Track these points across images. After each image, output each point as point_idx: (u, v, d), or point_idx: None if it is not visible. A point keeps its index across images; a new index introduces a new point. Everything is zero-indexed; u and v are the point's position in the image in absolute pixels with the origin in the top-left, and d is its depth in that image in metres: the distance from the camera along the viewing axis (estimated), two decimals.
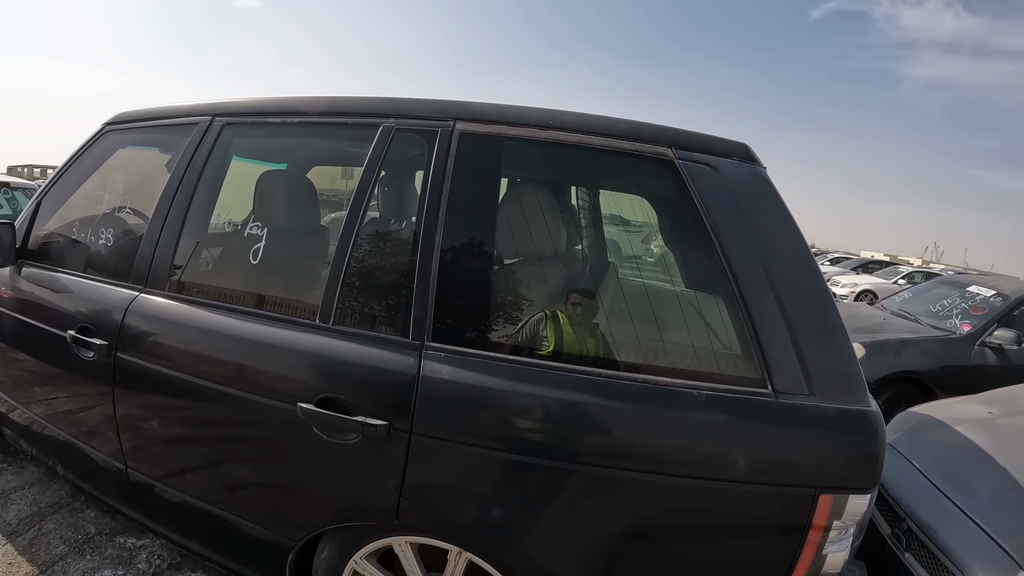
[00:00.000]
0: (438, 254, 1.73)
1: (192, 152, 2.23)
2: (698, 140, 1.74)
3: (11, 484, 3.23)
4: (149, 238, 2.22)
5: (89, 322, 2.26)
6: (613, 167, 1.98)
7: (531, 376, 1.62)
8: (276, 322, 1.90)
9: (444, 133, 1.82)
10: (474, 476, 1.66)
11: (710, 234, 1.63)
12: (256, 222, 2.08)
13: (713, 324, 1.71)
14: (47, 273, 2.59)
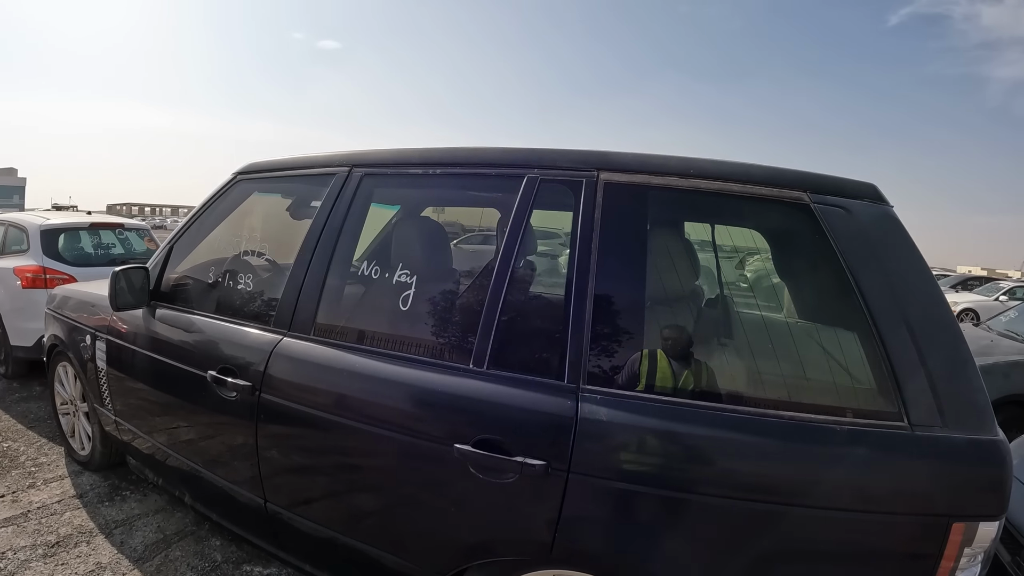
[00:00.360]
0: (591, 300, 1.83)
1: (333, 201, 2.37)
2: (831, 183, 1.81)
3: (135, 511, 3.42)
4: (292, 284, 2.36)
5: (230, 363, 2.41)
6: (751, 212, 2.05)
7: (683, 415, 1.70)
8: (429, 366, 2.01)
9: (589, 183, 1.93)
10: (627, 511, 1.73)
11: (846, 273, 1.70)
12: (404, 269, 2.21)
13: (849, 361, 1.77)
14: (182, 315, 2.77)
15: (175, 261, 2.97)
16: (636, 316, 1.89)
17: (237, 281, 2.71)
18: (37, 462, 4.04)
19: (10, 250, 6.01)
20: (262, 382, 2.29)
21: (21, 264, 5.55)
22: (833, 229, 1.74)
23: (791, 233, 2.00)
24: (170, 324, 2.79)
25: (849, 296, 1.70)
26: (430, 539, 2.04)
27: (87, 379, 3.45)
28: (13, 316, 5.51)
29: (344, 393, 2.13)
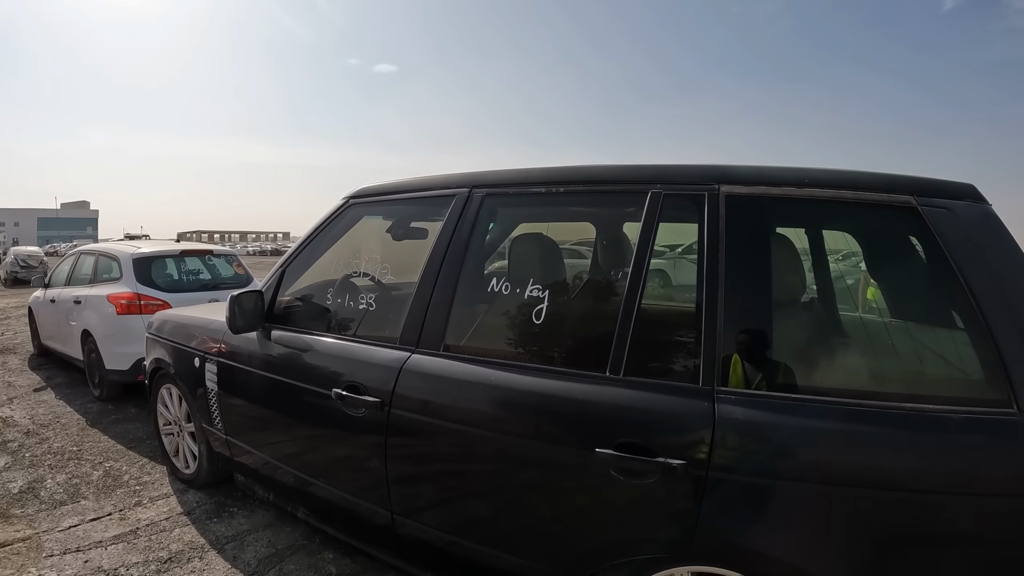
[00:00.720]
0: (723, 307, 1.93)
1: (456, 221, 2.51)
2: (934, 185, 1.90)
3: (244, 527, 3.57)
4: (418, 302, 2.50)
5: (357, 380, 2.55)
6: (861, 215, 2.15)
7: (814, 411, 1.79)
8: (566, 376, 2.12)
9: (712, 196, 2.04)
10: (764, 507, 1.81)
11: (954, 271, 1.78)
12: (536, 284, 2.32)
13: (961, 354, 1.84)
14: (299, 336, 2.93)
15: (287, 284, 3.14)
16: (764, 320, 1.99)
17: (357, 302, 2.86)
18: (141, 481, 4.24)
19: (101, 278, 6.34)
20: (392, 398, 2.42)
21: (115, 291, 5.85)
22: (939, 229, 1.83)
23: (900, 235, 2.10)
24: (287, 345, 2.95)
25: (957, 292, 1.78)
26: (567, 542, 2.13)
27: (195, 400, 3.64)
28: (108, 341, 5.80)
29: (480, 406, 2.25)
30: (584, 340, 2.25)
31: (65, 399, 6.26)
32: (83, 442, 5.01)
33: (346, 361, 2.65)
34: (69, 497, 3.98)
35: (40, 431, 5.28)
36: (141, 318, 5.62)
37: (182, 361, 3.72)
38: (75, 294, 6.50)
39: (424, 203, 2.86)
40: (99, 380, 6.13)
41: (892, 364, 2.03)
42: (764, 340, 1.96)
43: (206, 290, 6.35)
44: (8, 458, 4.65)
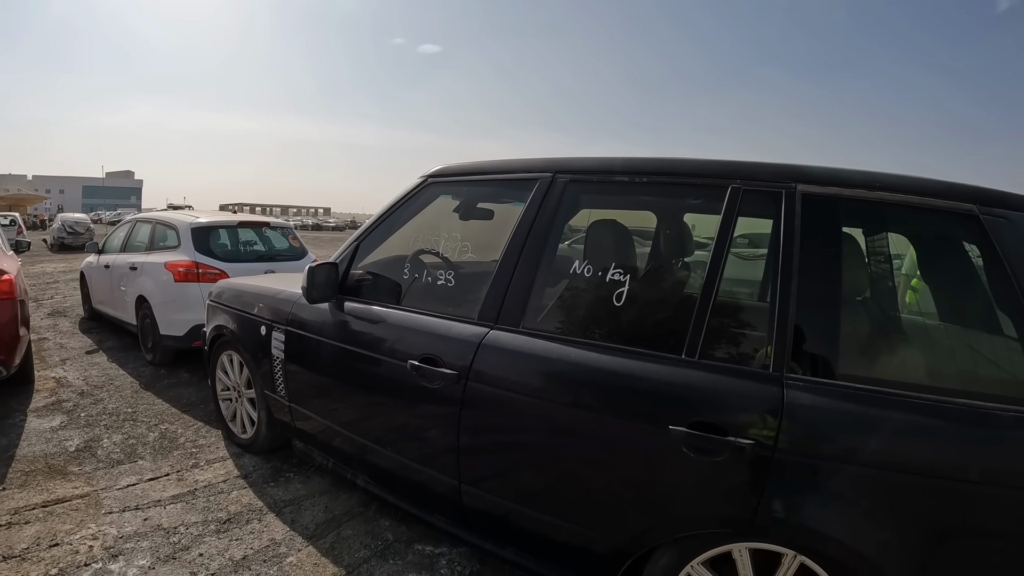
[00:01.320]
0: (795, 297, 2.08)
1: (539, 205, 2.67)
2: (996, 196, 2.04)
3: (301, 492, 3.78)
4: (499, 280, 2.67)
5: (434, 353, 2.72)
6: (926, 221, 2.31)
7: (876, 401, 1.94)
8: (644, 357, 2.28)
9: (789, 194, 2.19)
10: (825, 489, 1.95)
11: (1010, 277, 1.93)
12: (617, 268, 2.48)
13: (1014, 355, 1.97)
14: (373, 308, 3.11)
15: (361, 257, 3.31)
16: (833, 313, 2.13)
17: (434, 278, 3.04)
18: (197, 444, 4.47)
19: (158, 246, 6.62)
20: (469, 371, 2.59)
21: (173, 259, 6.12)
22: (998, 237, 1.97)
23: (961, 241, 2.26)
24: (361, 316, 3.13)
25: (1012, 297, 1.93)
26: (632, 513, 2.29)
27: (258, 367, 3.84)
28: (164, 307, 6.07)
29: (558, 382, 2.43)
30: (662, 324, 2.41)
31: (117, 362, 6.55)
32: (137, 404, 5.26)
33: (422, 334, 2.83)
34: (126, 457, 4.21)
35: (94, 392, 5.54)
36: (198, 286, 5.88)
37: (247, 328, 3.92)
38: (131, 260, 6.77)
39: (504, 185, 3.03)
40: (152, 345, 6.40)
41: (948, 362, 2.19)
42: (832, 332, 2.10)
43: (262, 261, 6.62)
44: (64, 417, 4.90)
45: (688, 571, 2.23)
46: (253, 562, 3.03)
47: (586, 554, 2.45)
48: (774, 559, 2.10)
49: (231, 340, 4.14)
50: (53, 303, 10.04)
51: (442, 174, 3.19)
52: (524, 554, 2.68)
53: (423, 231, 3.28)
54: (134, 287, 6.57)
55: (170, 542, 3.16)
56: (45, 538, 3.13)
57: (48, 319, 8.60)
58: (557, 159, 2.76)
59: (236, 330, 4.03)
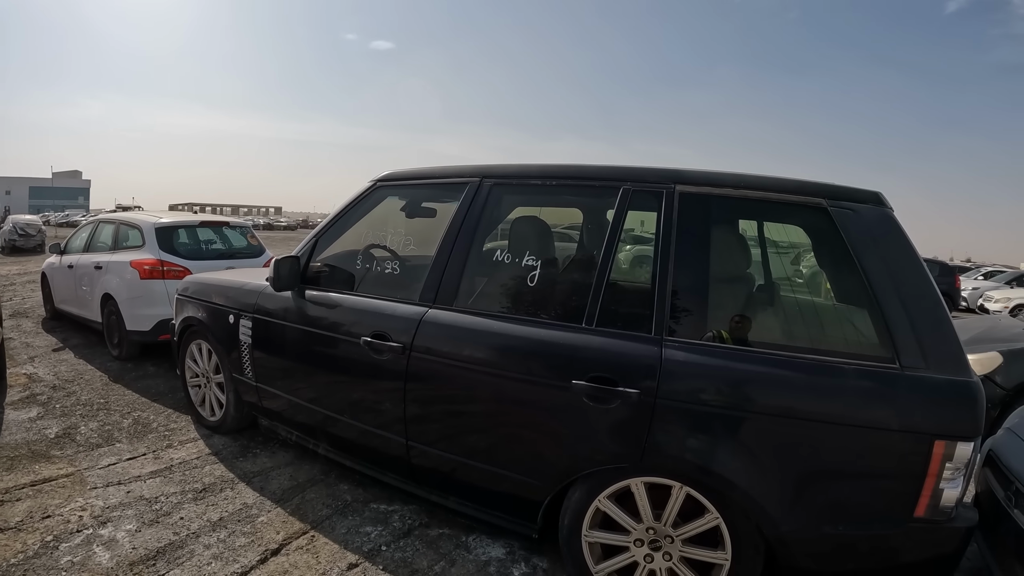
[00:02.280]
0: (672, 275, 2.64)
1: (468, 204, 3.21)
2: (843, 192, 2.59)
3: (267, 465, 4.24)
4: (436, 267, 3.19)
5: (383, 329, 3.23)
6: (785, 213, 2.88)
7: (738, 356, 2.50)
8: (553, 326, 2.83)
9: (669, 193, 2.75)
10: (698, 427, 2.50)
11: (853, 259, 2.48)
12: (531, 255, 3.03)
13: (857, 321, 2.54)
14: (331, 295, 3.61)
15: (319, 251, 3.82)
16: (704, 285, 2.69)
17: (382, 267, 3.56)
18: (169, 427, 4.88)
19: (122, 246, 6.98)
20: (412, 344, 3.11)
21: (138, 258, 6.51)
22: (844, 226, 2.52)
23: (815, 229, 2.84)
24: (320, 303, 3.63)
25: (856, 275, 2.47)
26: (548, 456, 2.83)
27: (227, 353, 4.30)
28: (130, 304, 6.45)
29: (484, 350, 2.96)
30: (567, 299, 2.95)
31: (84, 358, 6.88)
32: (109, 395, 5.63)
33: (373, 315, 3.34)
34: (104, 441, 4.58)
35: (66, 386, 5.88)
36: (163, 283, 6.29)
37: (216, 318, 4.37)
38: (96, 260, 7.11)
39: (441, 188, 3.57)
40: (118, 340, 6.76)
41: (806, 327, 2.77)
42: (703, 303, 2.67)
43: (223, 259, 7.05)
44: (40, 408, 5.24)
45: (597, 505, 2.75)
46: (228, 522, 3.46)
47: (514, 497, 2.99)
48: (666, 492, 2.64)
49: (200, 330, 4.57)
50: (13, 304, 10.22)
51: (390, 178, 3.71)
52: (464, 502, 3.22)
53: (373, 228, 3.81)
54: (99, 285, 6.91)
55: (152, 509, 3.57)
56: (37, 511, 3.50)
57: (10, 320, 8.80)
58: (484, 166, 3.30)
59: (205, 320, 4.47)
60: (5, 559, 3.03)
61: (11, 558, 3.04)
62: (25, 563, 3.01)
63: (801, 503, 2.41)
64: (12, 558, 3.04)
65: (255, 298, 4.02)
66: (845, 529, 2.40)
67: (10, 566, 2.97)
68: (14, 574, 2.92)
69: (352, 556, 3.18)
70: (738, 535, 2.53)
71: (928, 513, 2.31)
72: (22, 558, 3.05)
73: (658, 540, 2.68)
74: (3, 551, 3.10)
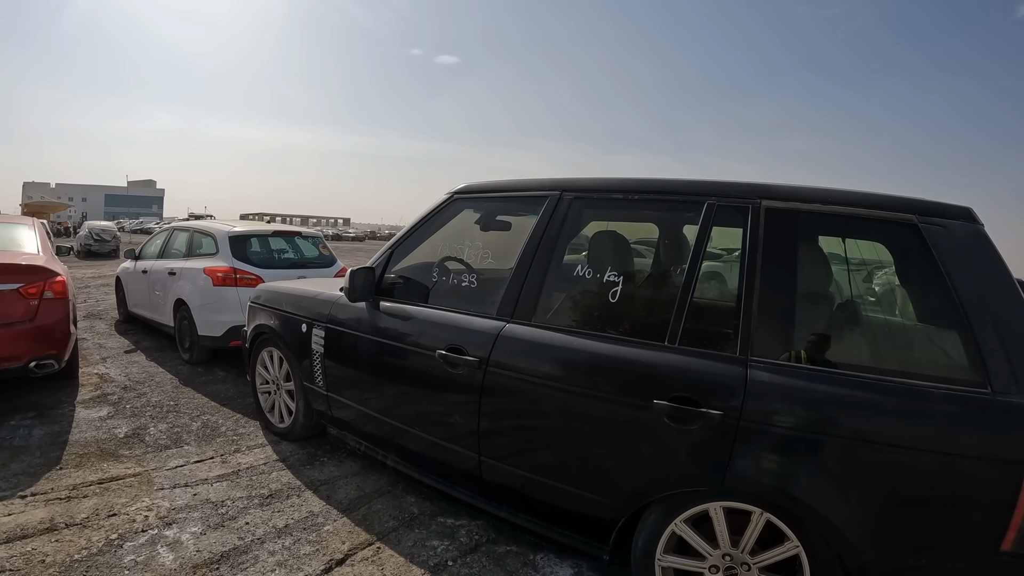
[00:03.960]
0: (759, 293, 2.59)
1: (549, 217, 3.22)
2: (934, 207, 2.53)
3: (335, 473, 4.29)
4: (514, 281, 3.21)
5: (459, 343, 3.25)
6: (874, 228, 2.80)
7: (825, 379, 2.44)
8: (633, 344, 2.81)
9: (755, 208, 2.71)
10: (781, 451, 2.44)
11: (945, 277, 2.40)
12: (613, 271, 3.01)
13: (947, 343, 2.46)
14: (405, 306, 3.66)
15: (394, 263, 3.87)
16: (790, 307, 2.64)
17: (458, 280, 3.60)
18: (237, 432, 4.99)
19: (196, 253, 7.22)
20: (489, 358, 3.12)
21: (212, 265, 6.71)
22: (934, 243, 2.46)
23: (904, 246, 2.75)
24: (395, 314, 3.68)
25: (946, 294, 2.40)
26: (624, 477, 2.79)
27: (298, 362, 4.37)
28: (202, 310, 6.65)
29: (563, 366, 2.96)
30: (648, 316, 2.93)
31: (155, 361, 7.12)
32: (179, 398, 5.80)
33: (449, 328, 3.36)
34: (172, 442, 4.71)
35: (136, 387, 6.08)
36: (236, 290, 6.47)
37: (288, 326, 4.46)
38: (169, 266, 7.37)
39: (520, 201, 3.59)
40: (190, 345, 6.98)
41: (892, 348, 2.69)
42: (789, 322, 2.62)
43: (294, 268, 7.23)
44: (110, 408, 5.43)
45: (673, 528, 2.71)
46: (294, 529, 3.51)
47: (587, 516, 2.97)
48: (745, 518, 2.59)
49: (272, 338, 4.67)
50: (87, 307, 10.65)
51: (466, 191, 3.75)
52: (534, 520, 3.21)
53: (448, 240, 3.85)
54: (172, 291, 7.15)
55: (218, 513, 3.64)
56: (103, 509, 3.61)
57: (84, 321, 9.17)
58: (564, 179, 3.31)
59: (277, 328, 4.56)
60: (69, 555, 3.13)
61: (75, 554, 3.14)
62: (88, 559, 3.10)
63: (884, 533, 2.34)
64: (76, 554, 3.14)
65: (328, 308, 4.09)
66: (929, 561, 2.32)
67: (74, 561, 3.07)
68: (77, 570, 3.01)
69: (418, 570, 3.19)
70: (817, 564, 2.47)
71: (1015, 547, 2.21)
72: (86, 554, 3.14)
73: (734, 567, 2.63)
74: (68, 547, 3.20)
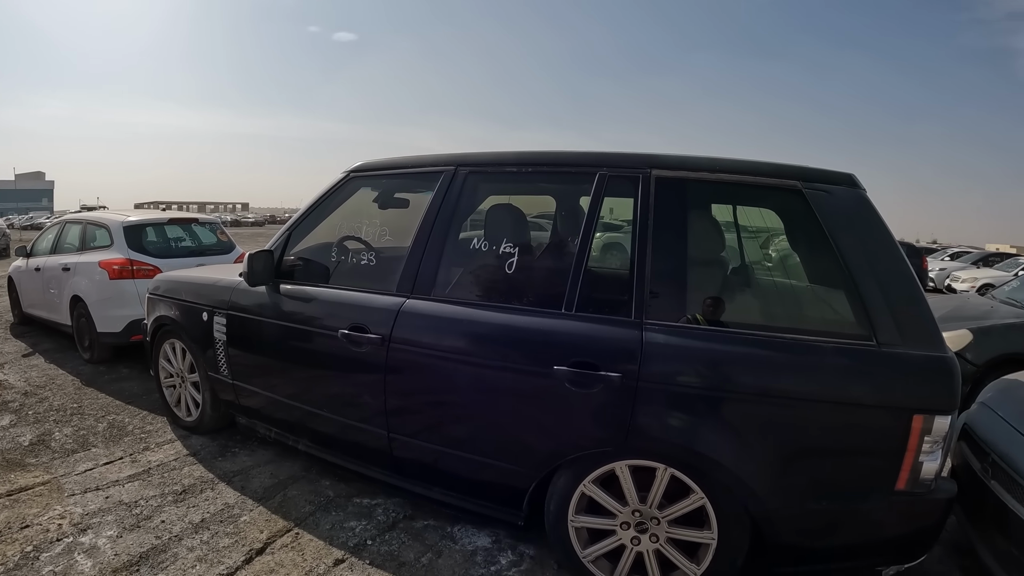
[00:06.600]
0: (651, 259, 2.68)
1: (444, 192, 3.22)
2: (817, 174, 2.67)
3: (248, 463, 4.25)
4: (412, 258, 3.21)
5: (361, 322, 3.24)
6: (761, 195, 2.95)
7: (716, 337, 2.56)
8: (532, 313, 2.87)
9: (645, 178, 2.80)
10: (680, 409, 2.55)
11: (829, 239, 2.55)
12: (508, 243, 3.05)
13: (834, 301, 2.62)
14: (306, 288, 3.62)
15: (293, 245, 3.82)
16: (683, 269, 2.75)
17: (357, 259, 3.57)
18: (145, 430, 4.85)
19: (90, 246, 6.91)
20: (391, 335, 3.13)
21: (107, 258, 6.45)
22: (819, 207, 2.60)
23: (791, 211, 2.90)
24: (295, 296, 3.64)
25: (831, 256, 2.55)
26: (532, 443, 2.87)
27: (202, 351, 4.28)
28: (100, 306, 6.38)
29: (464, 338, 2.99)
30: (546, 285, 3.00)
31: (56, 363, 6.81)
32: (82, 400, 5.58)
33: (351, 307, 3.35)
34: (79, 446, 4.54)
35: (38, 392, 5.81)
36: (133, 283, 6.24)
37: (189, 316, 4.35)
38: (63, 262, 7.04)
39: (415, 178, 3.57)
40: (89, 343, 6.70)
41: (784, 308, 2.84)
42: (682, 286, 2.73)
43: (192, 256, 7.02)
44: (12, 416, 5.17)
45: (582, 489, 2.80)
46: (211, 523, 3.47)
47: (499, 485, 3.03)
48: (651, 475, 2.69)
49: (173, 329, 4.55)
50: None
51: (361, 169, 3.72)
52: (449, 492, 3.25)
53: (347, 219, 3.81)
54: (68, 288, 6.83)
55: (133, 514, 3.55)
56: (15, 522, 3.46)
57: None
58: (459, 154, 3.32)
59: (178, 319, 4.44)
60: None
61: None
62: (6, 575, 2.98)
63: (785, 480, 2.47)
64: None
65: (229, 294, 4.01)
66: (829, 504, 2.48)
67: None
68: None
69: (338, 552, 3.21)
70: (723, 514, 2.59)
71: (909, 486, 2.39)
72: (2, 570, 3.02)
73: (644, 522, 2.73)
74: None
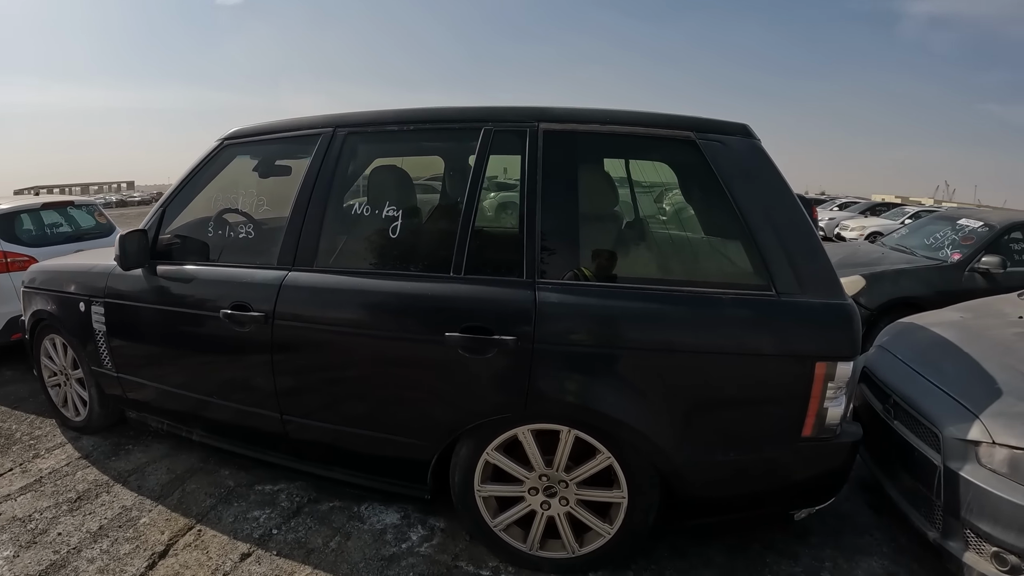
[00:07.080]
0: (540, 217, 2.58)
1: (322, 156, 3.03)
2: (711, 124, 2.62)
3: (142, 460, 4.01)
4: (292, 228, 3.01)
5: (243, 299, 3.04)
6: (654, 148, 2.88)
7: (611, 294, 2.50)
8: (420, 278, 2.74)
9: (532, 132, 2.69)
10: (579, 369, 2.48)
11: (724, 189, 2.51)
12: (391, 206, 2.88)
13: (731, 252, 2.59)
14: (184, 268, 3.38)
15: (168, 222, 3.56)
16: (573, 228, 2.66)
17: (236, 233, 3.34)
18: (33, 435, 4.52)
19: None
20: (274, 311, 2.94)
21: None
22: (713, 158, 2.55)
23: (685, 163, 2.85)
24: (173, 277, 3.39)
25: (727, 206, 2.51)
26: (430, 414, 2.75)
27: (82, 345, 4.00)
28: None
29: (351, 309, 2.83)
30: (433, 248, 2.87)
31: None
32: None
33: (231, 284, 3.14)
34: None
35: None
36: (8, 276, 5.79)
37: (66, 308, 4.03)
38: None
39: (293, 142, 3.35)
40: None
41: (681, 261, 2.79)
42: (574, 243, 2.64)
43: (70, 242, 6.57)
44: None
45: (486, 458, 2.71)
46: (109, 530, 3.26)
47: (401, 460, 2.91)
48: (555, 438, 2.62)
49: (52, 323, 4.22)
50: None
51: (237, 135, 3.48)
52: (351, 472, 3.12)
53: (224, 191, 3.56)
54: None
55: (27, 529, 3.31)
56: None
57: None
58: (338, 115, 3.13)
59: (56, 311, 4.12)
60: None
61: None
62: None
63: (691, 434, 2.45)
64: None
65: (104, 280, 3.73)
66: (737, 455, 2.47)
67: None
68: None
69: (243, 545, 3.08)
70: (632, 472, 2.55)
71: (815, 432, 2.41)
72: None
73: (553, 486, 2.68)
74: None
